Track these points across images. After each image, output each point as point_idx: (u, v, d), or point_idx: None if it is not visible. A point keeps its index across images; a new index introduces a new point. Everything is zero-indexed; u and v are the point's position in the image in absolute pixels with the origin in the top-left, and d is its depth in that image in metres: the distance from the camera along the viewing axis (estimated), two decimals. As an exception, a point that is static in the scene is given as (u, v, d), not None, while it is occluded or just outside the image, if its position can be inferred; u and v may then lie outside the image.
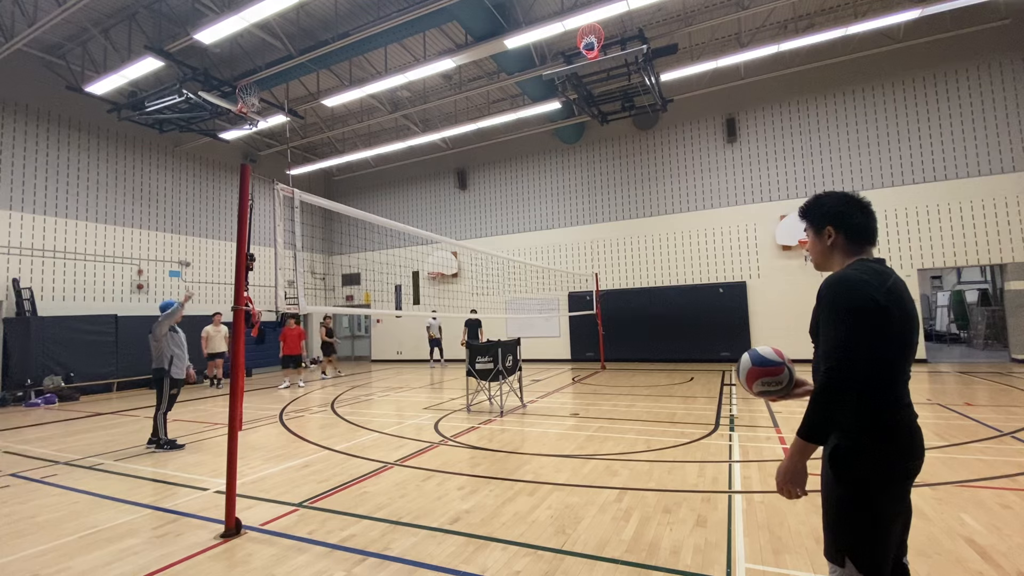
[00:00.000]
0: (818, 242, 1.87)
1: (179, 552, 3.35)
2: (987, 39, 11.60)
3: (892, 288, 1.61)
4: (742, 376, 1.93)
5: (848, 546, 1.60)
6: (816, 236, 1.87)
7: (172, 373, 6.27)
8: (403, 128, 16.56)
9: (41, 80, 12.12)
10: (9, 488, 4.90)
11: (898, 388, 1.62)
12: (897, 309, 1.58)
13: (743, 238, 13.88)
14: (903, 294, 1.63)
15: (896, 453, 1.58)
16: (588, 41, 9.22)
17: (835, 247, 1.82)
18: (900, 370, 1.62)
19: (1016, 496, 3.83)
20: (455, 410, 8.28)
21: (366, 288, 19.39)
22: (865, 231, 1.78)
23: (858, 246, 1.79)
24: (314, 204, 4.33)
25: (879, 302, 1.56)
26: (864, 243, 1.79)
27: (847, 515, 1.61)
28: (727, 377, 11.02)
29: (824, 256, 1.87)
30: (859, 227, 1.78)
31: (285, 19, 10.61)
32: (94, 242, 13.07)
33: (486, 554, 3.19)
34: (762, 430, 6.14)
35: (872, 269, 1.66)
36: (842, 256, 1.80)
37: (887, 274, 1.66)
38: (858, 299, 1.57)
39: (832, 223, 1.81)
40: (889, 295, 1.59)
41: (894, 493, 1.59)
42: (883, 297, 1.57)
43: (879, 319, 1.56)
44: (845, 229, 1.79)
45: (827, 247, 1.84)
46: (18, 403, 10.56)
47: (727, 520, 3.57)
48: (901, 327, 1.60)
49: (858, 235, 1.79)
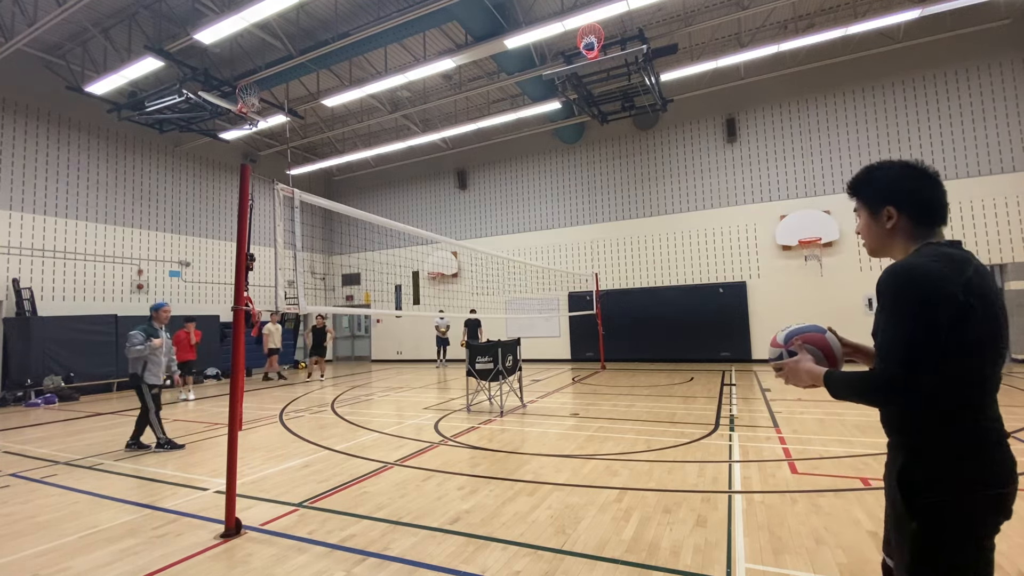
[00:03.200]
0: (874, 225, 1.53)
1: (179, 552, 3.35)
2: (987, 39, 11.60)
3: (973, 278, 1.31)
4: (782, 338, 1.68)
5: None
6: (871, 218, 1.53)
7: (146, 378, 6.16)
8: (403, 128, 16.56)
9: (41, 80, 12.12)
10: (9, 488, 4.90)
11: (983, 398, 1.33)
12: (980, 304, 1.28)
13: (743, 238, 13.88)
14: (987, 285, 1.33)
15: (984, 476, 1.30)
16: (588, 41, 9.22)
17: (897, 230, 1.48)
18: (985, 377, 1.32)
19: (1016, 496, 3.82)
20: (455, 410, 8.28)
21: (366, 288, 19.40)
22: (936, 209, 1.46)
23: (927, 228, 1.46)
24: (314, 204, 4.33)
25: (957, 296, 1.27)
26: (934, 224, 1.46)
27: (929, 550, 1.31)
28: (727, 377, 11.02)
29: (882, 242, 1.53)
30: (927, 204, 1.46)
31: (285, 19, 10.61)
32: (94, 242, 13.07)
33: (486, 554, 3.18)
34: (762, 430, 6.14)
35: (947, 255, 1.35)
36: (906, 241, 1.48)
37: (966, 261, 1.35)
38: (930, 292, 1.29)
39: (893, 202, 1.48)
40: (969, 287, 1.28)
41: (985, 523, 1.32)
42: (962, 290, 1.27)
43: (957, 317, 1.26)
44: (910, 208, 1.47)
45: (886, 231, 1.50)
46: (18, 403, 10.56)
47: (727, 520, 3.57)
48: (986, 326, 1.30)
49: (927, 215, 1.46)
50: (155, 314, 6.38)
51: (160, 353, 6.27)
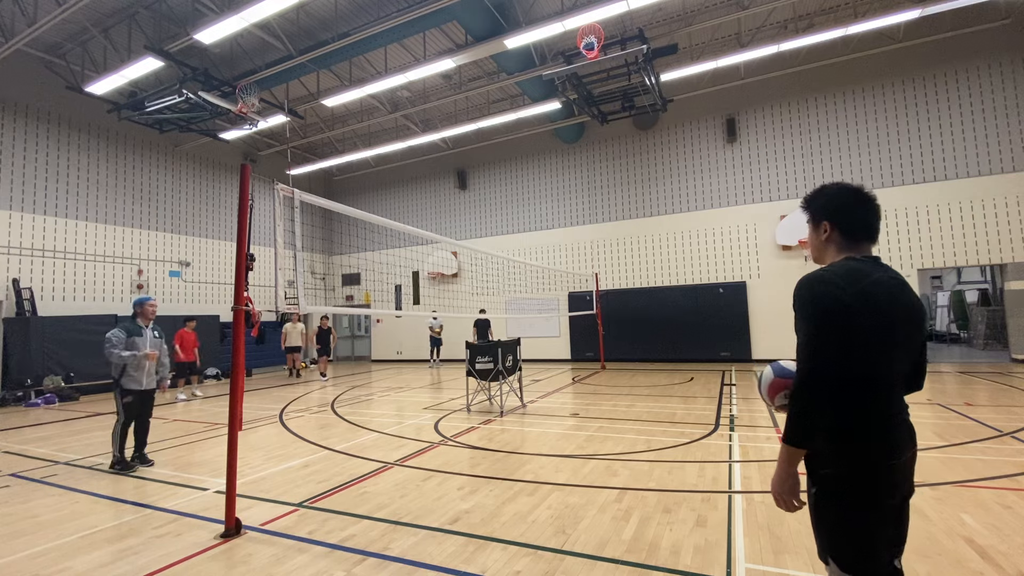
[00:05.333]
0: (814, 235, 1.80)
1: (179, 552, 3.35)
2: (987, 39, 11.60)
3: (867, 288, 1.54)
4: (763, 389, 1.85)
5: (828, 546, 1.62)
6: (813, 229, 1.80)
7: (123, 383, 5.38)
8: (403, 128, 16.56)
9: (41, 80, 12.12)
10: (9, 488, 4.90)
11: (876, 392, 1.55)
12: (867, 310, 1.51)
13: (743, 238, 13.88)
14: (881, 295, 1.55)
15: (870, 452, 1.53)
16: (588, 41, 9.22)
17: (830, 242, 1.74)
18: (878, 375, 1.55)
19: (1016, 496, 3.83)
20: (455, 410, 8.28)
21: (366, 288, 19.39)
22: (862, 227, 1.69)
23: (853, 242, 1.70)
24: (314, 204, 4.33)
25: (843, 301, 1.51)
26: (860, 240, 1.70)
27: (821, 514, 1.63)
28: (727, 377, 11.02)
29: (819, 250, 1.80)
30: (856, 223, 1.69)
31: (285, 19, 10.61)
32: (94, 242, 13.07)
33: (486, 554, 3.18)
34: (762, 430, 6.14)
35: (849, 268, 1.59)
36: (835, 252, 1.73)
37: (865, 273, 1.58)
38: (821, 299, 1.54)
39: (829, 217, 1.73)
40: (860, 296, 1.52)
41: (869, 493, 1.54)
42: (850, 297, 1.52)
43: (843, 320, 1.50)
44: (841, 224, 1.71)
45: (822, 241, 1.77)
46: (18, 403, 10.56)
47: (727, 520, 3.57)
48: (873, 330, 1.52)
49: (854, 231, 1.70)
50: (140, 310, 5.56)
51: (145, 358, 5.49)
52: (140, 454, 5.56)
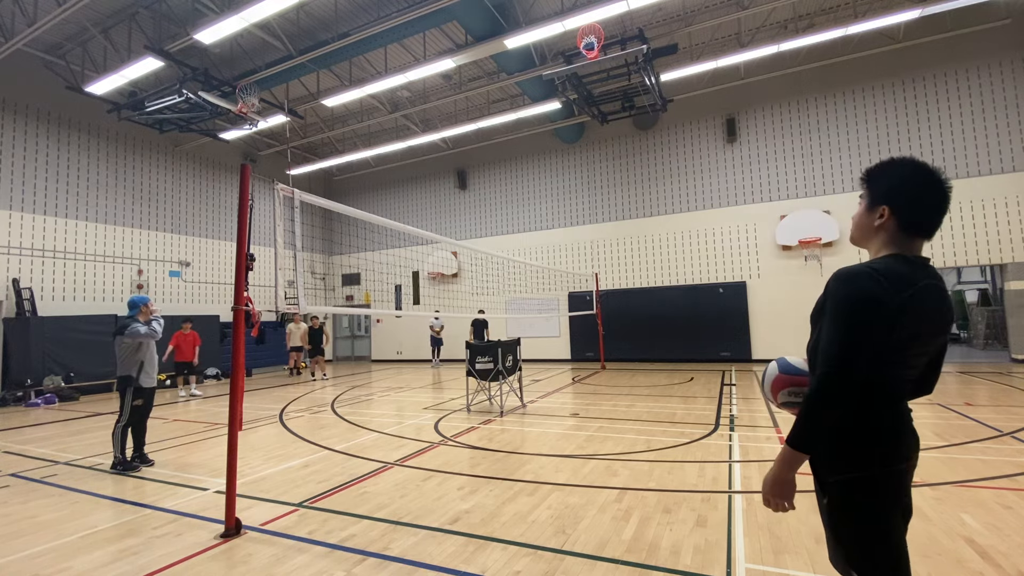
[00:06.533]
0: (865, 217, 1.57)
1: (179, 552, 3.35)
2: (987, 39, 11.60)
3: (914, 297, 1.39)
4: (767, 385, 1.76)
5: (850, 557, 1.49)
6: (866, 209, 1.57)
7: (141, 382, 5.51)
8: (403, 128, 16.55)
9: (41, 80, 12.11)
10: (9, 488, 4.90)
11: (899, 401, 1.48)
12: (909, 322, 1.38)
13: (743, 238, 13.87)
14: (926, 308, 1.41)
15: (887, 458, 1.45)
16: (588, 41, 9.22)
17: (881, 230, 1.52)
18: (901, 380, 1.46)
19: (1016, 496, 3.83)
20: (455, 410, 8.28)
21: (366, 288, 19.39)
22: (924, 223, 1.48)
23: (907, 237, 1.50)
24: (314, 204, 4.33)
25: (886, 309, 1.37)
26: (916, 235, 1.50)
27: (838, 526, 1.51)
28: (727, 377, 11.01)
29: (865, 234, 1.59)
30: (920, 215, 1.48)
31: (285, 19, 10.61)
32: (94, 242, 13.07)
33: (486, 554, 3.18)
34: (762, 430, 6.14)
35: (897, 271, 1.42)
36: (883, 243, 1.53)
37: (913, 280, 1.41)
38: (862, 301, 1.39)
39: (890, 202, 1.51)
40: (904, 305, 1.38)
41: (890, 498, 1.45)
42: (895, 305, 1.37)
43: (883, 330, 1.38)
44: (901, 214, 1.49)
45: (872, 227, 1.55)
46: (18, 403, 10.56)
47: (727, 520, 3.57)
48: (910, 341, 1.41)
49: (914, 226, 1.49)
50: (143, 308, 5.70)
51: (155, 352, 5.74)
52: (140, 454, 5.60)
